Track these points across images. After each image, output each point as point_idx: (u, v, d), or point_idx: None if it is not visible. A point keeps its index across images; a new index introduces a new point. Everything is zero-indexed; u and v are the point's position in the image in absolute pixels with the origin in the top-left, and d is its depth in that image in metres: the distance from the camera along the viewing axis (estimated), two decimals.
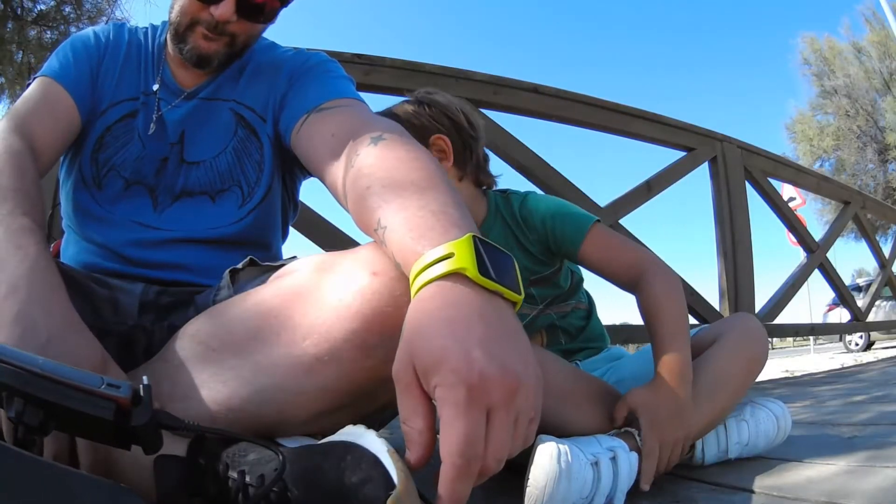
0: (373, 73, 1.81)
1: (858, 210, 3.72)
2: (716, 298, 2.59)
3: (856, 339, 9.20)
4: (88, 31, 0.85)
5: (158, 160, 0.81)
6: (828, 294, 8.19)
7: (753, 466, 0.79)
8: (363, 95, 0.92)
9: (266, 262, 0.69)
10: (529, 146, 2.13)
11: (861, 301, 3.84)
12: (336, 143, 0.68)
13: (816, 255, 3.29)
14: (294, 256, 0.71)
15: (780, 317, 2.92)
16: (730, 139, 2.71)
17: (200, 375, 0.56)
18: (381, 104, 0.92)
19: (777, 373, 4.20)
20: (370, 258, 0.56)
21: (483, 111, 2.05)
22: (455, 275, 0.44)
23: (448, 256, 0.45)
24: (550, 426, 0.68)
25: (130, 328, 0.72)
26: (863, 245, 4.11)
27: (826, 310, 9.37)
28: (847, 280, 4.65)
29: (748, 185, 2.79)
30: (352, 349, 0.53)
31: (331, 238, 1.70)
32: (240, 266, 0.68)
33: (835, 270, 3.50)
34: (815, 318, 8.64)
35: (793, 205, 5.51)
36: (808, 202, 9.95)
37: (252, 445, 0.49)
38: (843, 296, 3.60)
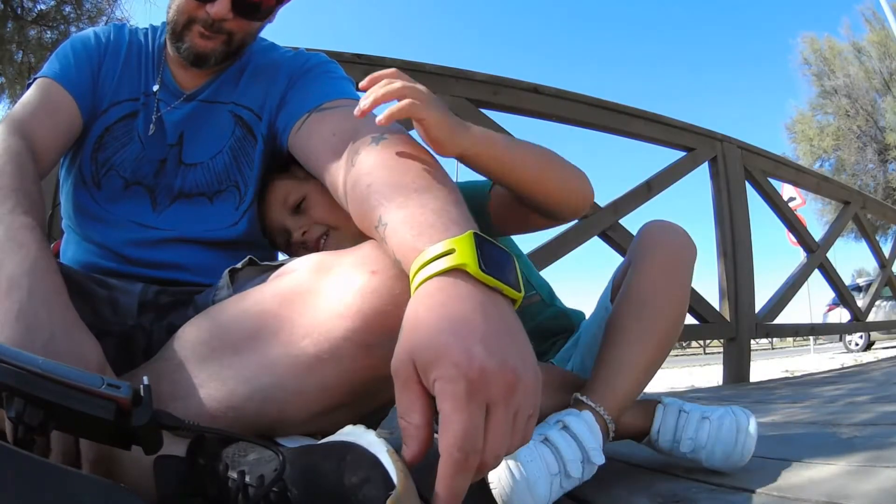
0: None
1: (858, 210, 3.72)
2: (716, 298, 2.60)
3: (856, 339, 9.20)
4: (89, 32, 0.85)
5: (157, 161, 0.81)
6: (828, 294, 8.20)
7: (753, 466, 0.79)
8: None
9: (265, 262, 0.69)
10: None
11: (861, 301, 3.84)
12: (337, 142, 0.68)
13: (816, 255, 3.29)
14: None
15: (780, 317, 2.92)
16: (730, 139, 2.70)
17: (200, 375, 0.56)
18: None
19: (777, 373, 4.20)
20: (369, 257, 0.56)
21: (483, 111, 2.05)
22: (456, 271, 0.44)
23: (449, 253, 0.45)
24: None
25: (130, 328, 0.72)
26: (863, 245, 4.11)
27: (826, 310, 9.37)
28: (847, 280, 4.65)
29: (748, 185, 2.78)
30: (351, 348, 0.53)
31: None
32: (239, 266, 0.68)
33: (835, 270, 3.50)
34: (815, 318, 8.64)
35: (793, 205, 5.51)
36: (808, 202, 9.96)
37: (252, 445, 0.49)
38: (843, 296, 3.60)
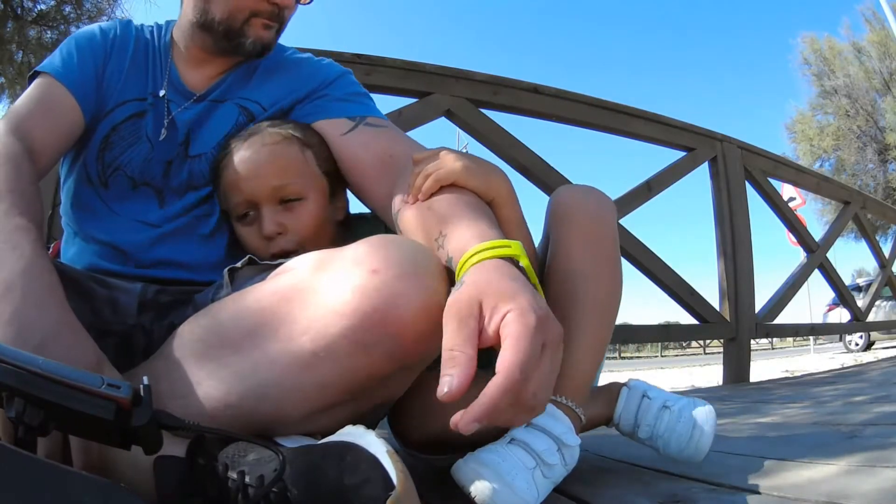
0: (373, 73, 1.81)
1: (858, 210, 3.72)
2: (716, 298, 2.59)
3: (856, 339, 9.20)
4: (94, 28, 0.85)
5: (165, 162, 0.81)
6: (828, 294, 8.20)
7: (753, 466, 0.79)
8: None
9: (265, 261, 0.69)
10: (529, 146, 2.13)
11: (861, 301, 3.84)
12: (395, 164, 0.76)
13: (816, 255, 3.29)
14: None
15: (780, 317, 2.92)
16: (730, 139, 2.70)
17: (199, 373, 0.56)
18: (381, 104, 0.92)
19: (777, 373, 4.20)
20: (370, 255, 0.56)
21: (483, 111, 2.05)
22: (511, 259, 0.54)
23: (506, 246, 0.55)
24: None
25: (130, 327, 0.72)
26: (863, 245, 4.11)
27: (826, 310, 9.37)
28: (847, 280, 4.65)
29: (748, 185, 2.78)
30: (349, 346, 0.53)
31: None
32: (238, 265, 0.68)
33: (835, 270, 3.50)
34: (815, 318, 8.64)
35: (793, 205, 5.51)
36: (808, 202, 9.95)
37: (251, 445, 0.49)
38: (843, 296, 3.60)
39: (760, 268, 2.71)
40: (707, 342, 16.04)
